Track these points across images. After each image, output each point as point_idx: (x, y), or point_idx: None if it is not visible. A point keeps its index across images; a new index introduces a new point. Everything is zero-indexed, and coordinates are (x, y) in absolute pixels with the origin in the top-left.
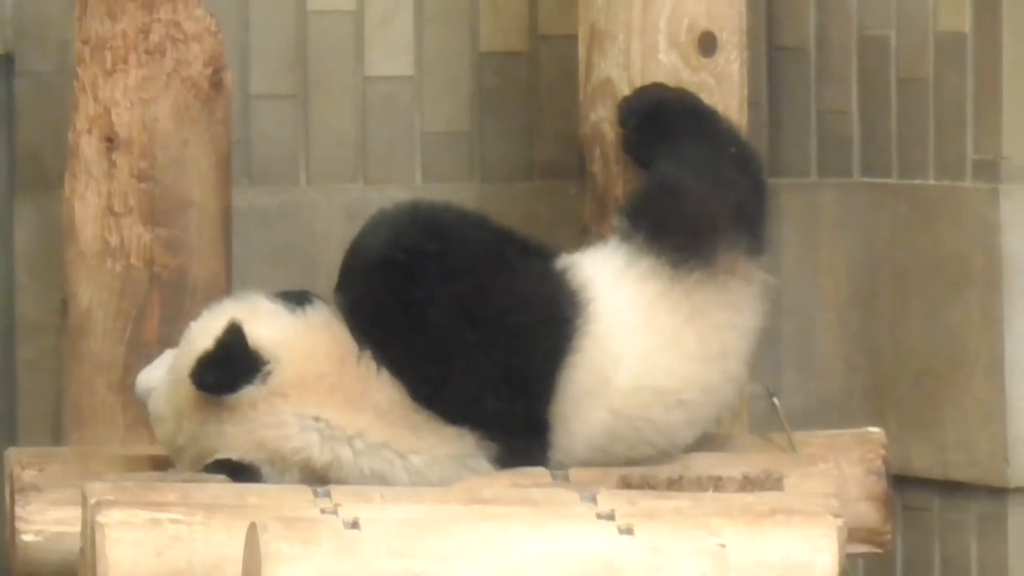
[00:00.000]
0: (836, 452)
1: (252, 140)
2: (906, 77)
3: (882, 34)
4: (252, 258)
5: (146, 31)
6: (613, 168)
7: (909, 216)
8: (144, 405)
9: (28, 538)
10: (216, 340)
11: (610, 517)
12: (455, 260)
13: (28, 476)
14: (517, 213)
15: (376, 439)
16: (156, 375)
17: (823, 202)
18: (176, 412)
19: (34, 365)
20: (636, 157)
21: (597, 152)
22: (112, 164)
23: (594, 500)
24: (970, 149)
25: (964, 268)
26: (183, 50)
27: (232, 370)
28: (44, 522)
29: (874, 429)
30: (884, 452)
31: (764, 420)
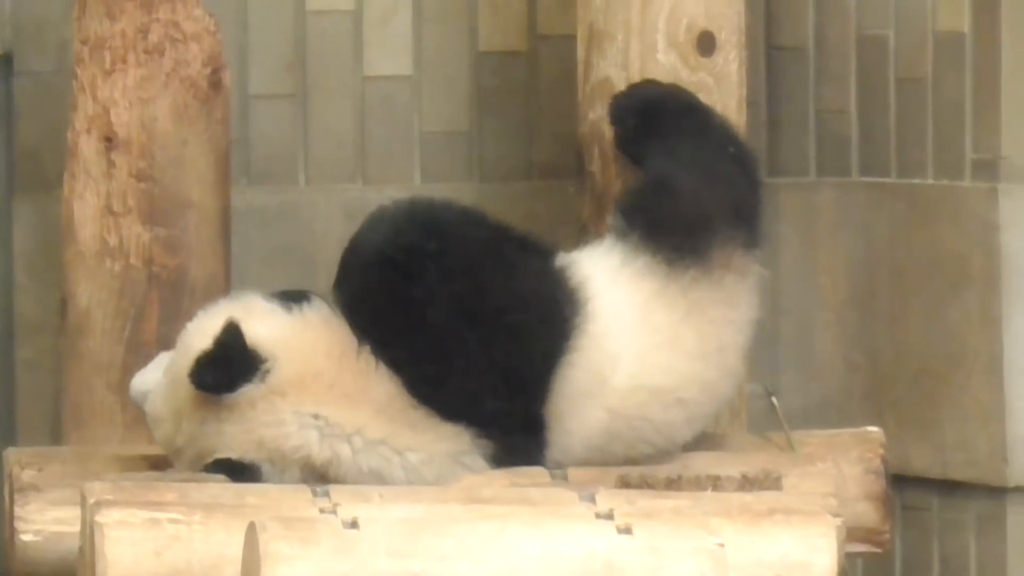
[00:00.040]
0: (835, 451)
1: (251, 140)
2: (905, 77)
3: (881, 34)
4: (251, 258)
5: (145, 31)
6: (612, 168)
7: (908, 216)
8: (140, 408)
9: (27, 538)
10: (214, 340)
11: (609, 517)
12: (453, 257)
13: (27, 476)
14: (516, 213)
15: (374, 436)
16: (151, 378)
17: (822, 202)
18: (174, 413)
19: (33, 365)
20: (629, 154)
21: (596, 152)
22: (111, 164)
23: (593, 500)
24: (969, 149)
25: (963, 268)
26: (182, 50)
27: (231, 369)
28: (43, 522)
29: (873, 429)
30: (883, 452)
31: (763, 419)
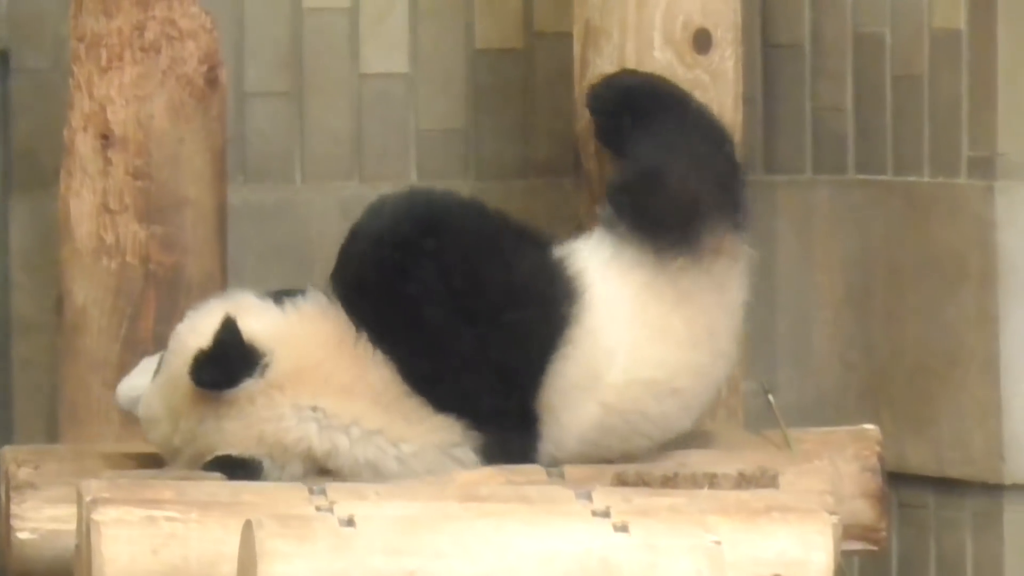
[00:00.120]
0: (831, 449)
1: (247, 137)
2: (901, 74)
3: (877, 31)
4: (247, 255)
5: (141, 28)
6: (608, 165)
7: (904, 213)
8: (127, 413)
9: (24, 536)
10: (213, 336)
11: (605, 514)
12: (450, 247)
13: (24, 474)
14: (512, 210)
15: (370, 426)
16: (138, 383)
17: (818, 199)
18: (171, 413)
19: (29, 363)
20: (609, 145)
21: (592, 149)
22: (107, 161)
23: (589, 497)
24: (965, 146)
25: (959, 265)
26: (178, 47)
27: (231, 365)
28: (39, 520)
29: (869, 426)
30: (879, 449)
31: (759, 417)
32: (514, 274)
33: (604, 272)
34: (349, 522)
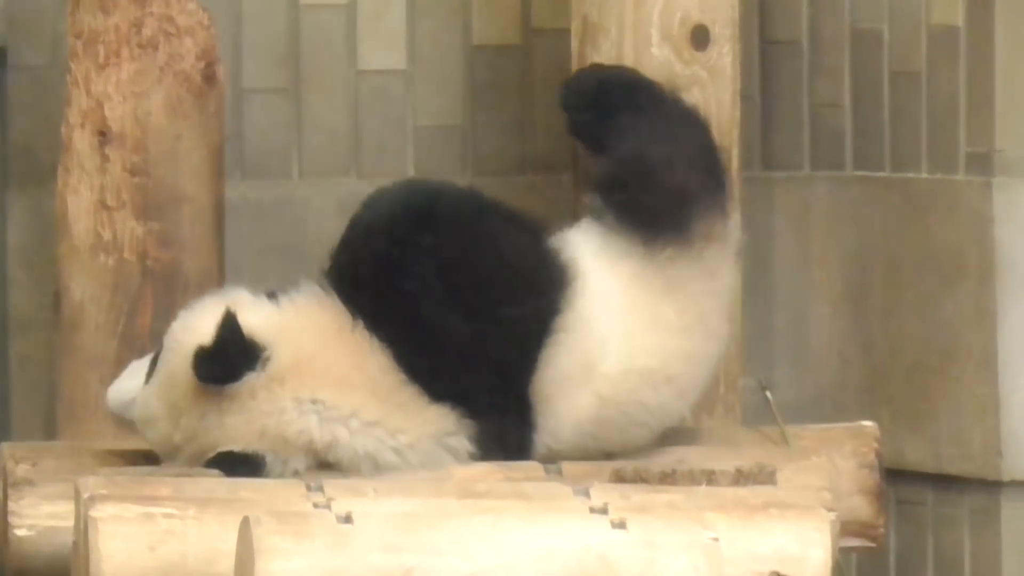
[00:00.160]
0: (829, 446)
1: (245, 134)
2: (899, 70)
3: (875, 27)
4: (245, 252)
5: (139, 25)
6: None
7: (902, 209)
8: (119, 416)
9: (21, 532)
10: (215, 331)
11: (603, 511)
12: (445, 235)
13: (21, 470)
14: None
15: (369, 418)
16: (130, 385)
17: (816, 195)
18: (171, 410)
19: (27, 359)
20: (585, 140)
21: None
22: (105, 158)
23: (587, 494)
24: (963, 142)
25: (957, 261)
26: (176, 44)
27: (233, 359)
28: (37, 516)
29: (867, 423)
30: (877, 446)
31: (757, 414)
32: (507, 261)
33: (594, 262)
34: (347, 519)
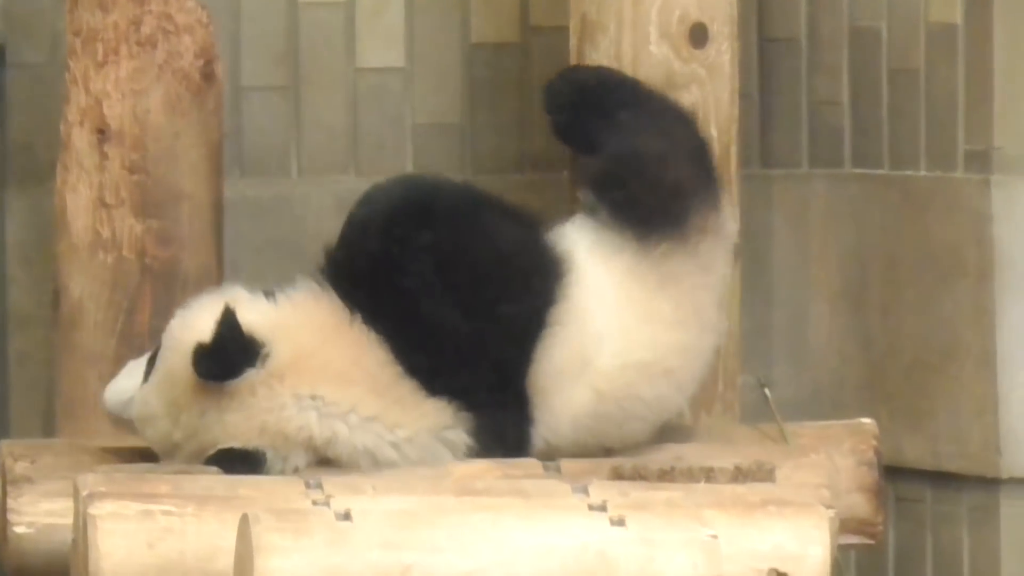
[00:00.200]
0: (828, 443)
1: (243, 131)
2: (897, 68)
3: (873, 25)
4: (244, 249)
5: (137, 23)
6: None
7: (901, 207)
8: (117, 417)
9: (20, 530)
10: (215, 328)
11: (602, 508)
12: (440, 228)
13: (20, 468)
14: None
15: (368, 413)
16: (127, 385)
17: (814, 193)
18: (171, 408)
19: (25, 357)
20: (571, 141)
21: None
22: (104, 156)
23: (586, 491)
24: (961, 140)
25: (956, 259)
26: (174, 42)
27: (233, 356)
28: (36, 514)
29: (866, 420)
30: (876, 443)
31: (756, 411)
32: (502, 254)
33: (588, 257)
34: (346, 516)
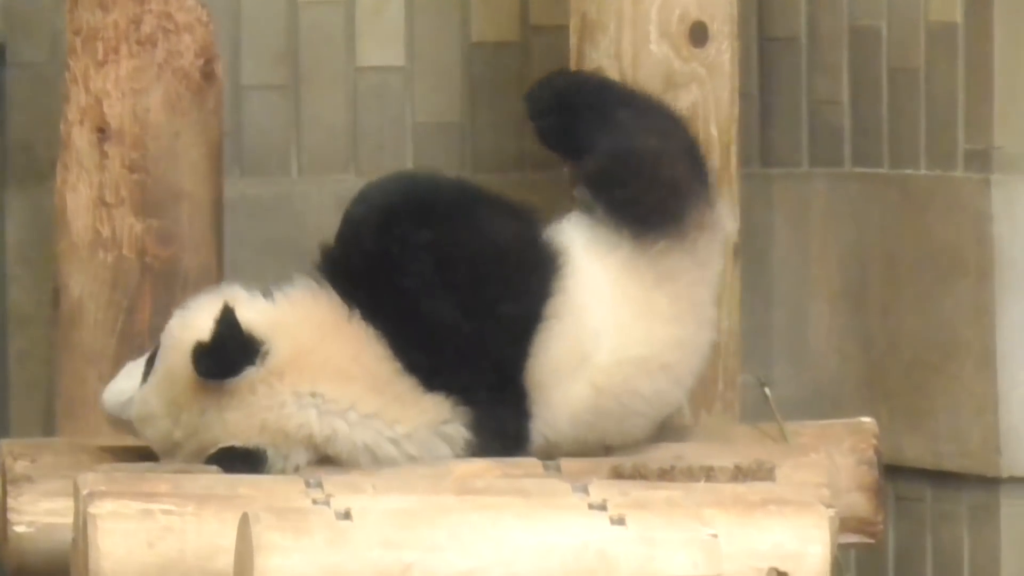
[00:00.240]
0: (828, 442)
1: (244, 130)
2: (897, 67)
3: (873, 24)
4: (244, 248)
5: (137, 22)
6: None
7: (901, 206)
8: (116, 419)
9: (20, 529)
10: (214, 326)
11: (602, 507)
12: (433, 222)
13: (20, 467)
14: None
15: (367, 410)
16: (126, 386)
17: (814, 192)
18: (171, 408)
19: (26, 356)
20: (557, 147)
21: None
22: (104, 155)
23: (586, 490)
24: (961, 139)
25: (956, 258)
26: (174, 41)
27: (232, 354)
28: (36, 513)
29: (866, 419)
30: (876, 442)
31: (756, 410)
32: (496, 248)
33: (584, 253)
34: (346, 515)
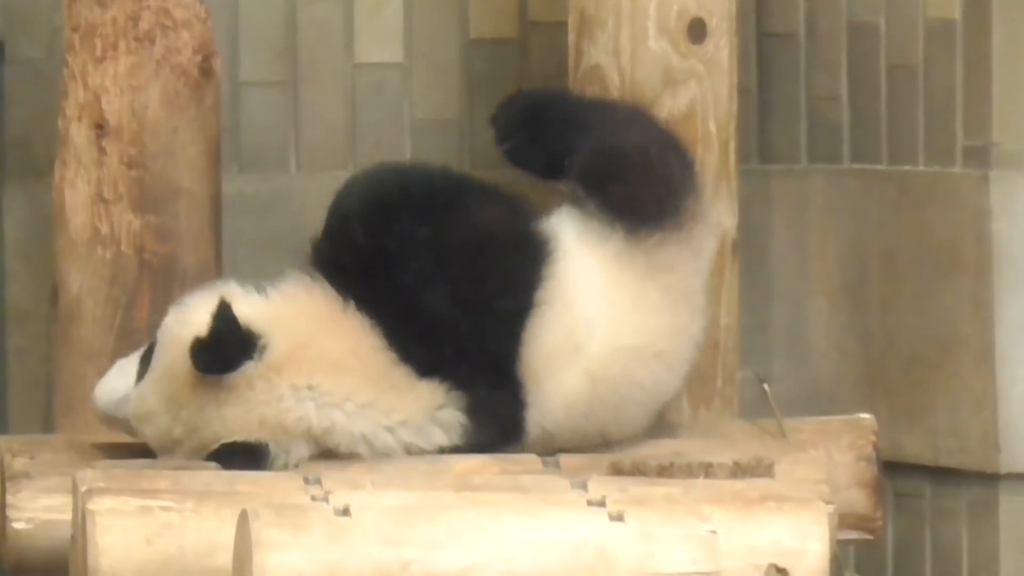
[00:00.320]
0: (827, 439)
1: (242, 127)
2: (896, 63)
3: (872, 20)
4: (242, 245)
5: (136, 18)
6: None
7: (899, 202)
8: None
9: (19, 526)
10: (211, 322)
11: (601, 504)
12: (419, 212)
13: (19, 464)
14: None
15: (363, 400)
16: (119, 384)
17: (813, 188)
18: (170, 405)
19: (24, 353)
20: (532, 164)
21: None
22: (102, 151)
23: (585, 487)
24: (960, 135)
25: (954, 254)
26: (172, 37)
27: (230, 348)
28: (35, 510)
29: (865, 415)
30: (875, 438)
31: (754, 407)
32: (485, 234)
33: (575, 245)
34: (344, 512)
